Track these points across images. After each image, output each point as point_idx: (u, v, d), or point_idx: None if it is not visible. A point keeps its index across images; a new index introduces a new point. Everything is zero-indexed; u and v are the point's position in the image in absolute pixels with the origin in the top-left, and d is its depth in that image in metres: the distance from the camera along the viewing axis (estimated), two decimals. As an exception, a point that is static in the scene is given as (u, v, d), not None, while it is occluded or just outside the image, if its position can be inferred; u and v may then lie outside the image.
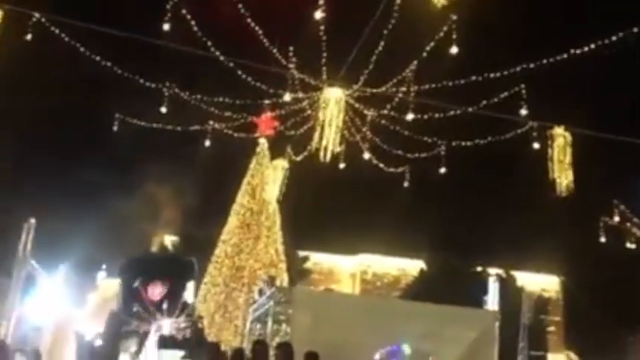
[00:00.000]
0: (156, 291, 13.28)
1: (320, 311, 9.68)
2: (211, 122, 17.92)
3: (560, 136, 14.95)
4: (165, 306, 12.88)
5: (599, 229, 18.76)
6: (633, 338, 27.68)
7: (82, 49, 13.55)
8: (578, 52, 12.64)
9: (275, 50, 14.05)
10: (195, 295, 15.91)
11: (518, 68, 13.54)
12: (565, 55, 12.84)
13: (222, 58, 13.89)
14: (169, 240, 30.25)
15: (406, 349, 8.48)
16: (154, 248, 29.66)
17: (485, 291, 15.99)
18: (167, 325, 12.62)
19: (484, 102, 14.85)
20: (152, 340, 12.20)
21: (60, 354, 20.09)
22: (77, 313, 26.92)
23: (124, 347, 12.41)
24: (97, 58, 13.99)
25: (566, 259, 31.06)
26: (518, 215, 32.41)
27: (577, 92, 25.72)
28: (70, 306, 23.39)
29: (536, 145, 15.01)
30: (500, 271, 25.90)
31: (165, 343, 11.73)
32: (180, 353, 9.84)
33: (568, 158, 15.10)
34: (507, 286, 21.68)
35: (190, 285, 14.26)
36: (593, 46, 12.47)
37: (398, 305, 14.21)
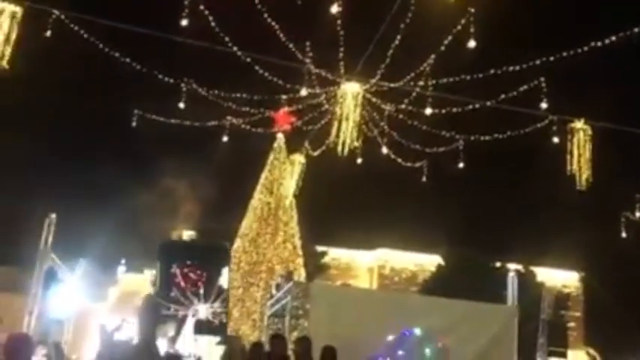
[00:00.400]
0: (192, 276, 13.44)
1: (337, 306, 9.68)
2: (229, 118, 17.96)
3: (580, 130, 14.76)
4: (201, 291, 13.04)
5: (620, 224, 18.51)
6: (655, 334, 27.30)
7: (100, 46, 13.65)
8: (599, 44, 12.45)
9: (292, 45, 14.04)
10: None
11: (537, 61, 13.38)
12: (586, 48, 12.66)
13: (239, 53, 13.91)
14: (187, 235, 30.45)
15: (417, 331, 8.46)
16: (173, 243, 29.86)
17: (504, 287, 15.91)
18: (203, 310, 12.76)
19: (503, 96, 14.71)
20: (189, 325, 12.31)
21: (81, 346, 20.38)
22: (98, 306, 27.27)
23: (161, 332, 12.52)
24: (116, 55, 14.09)
25: (586, 255, 30.76)
26: (538, 210, 32.18)
27: (598, 85, 25.41)
28: (91, 300, 23.71)
29: (555, 139, 14.83)
30: (519, 267, 25.68)
31: (202, 328, 11.82)
32: (216, 339, 9.90)
33: (588, 152, 14.90)
34: (527, 282, 21.50)
35: (225, 271, 14.42)
36: (614, 38, 12.28)
37: (416, 300, 14.16)
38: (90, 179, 29.36)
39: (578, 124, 14.83)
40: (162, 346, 11.57)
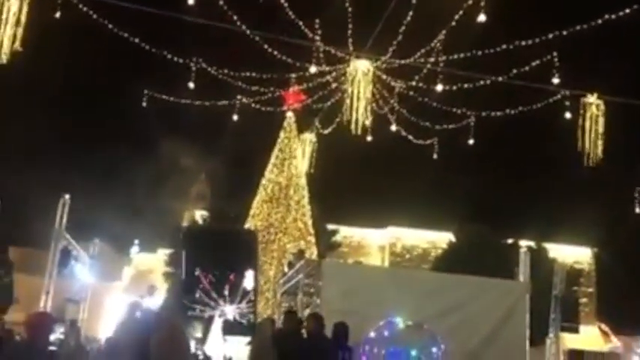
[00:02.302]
0: (216, 281, 13.46)
1: (349, 283, 9.71)
2: (239, 97, 17.95)
3: (593, 104, 14.62)
4: (226, 292, 13.05)
5: (633, 199, 18.42)
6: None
7: (110, 26, 13.64)
8: (613, 17, 12.26)
9: (301, 23, 13.95)
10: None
11: (550, 35, 13.21)
12: (599, 21, 12.48)
13: (248, 32, 13.85)
14: (200, 215, 30.65)
15: (399, 322, 8.44)
16: (185, 223, 30.10)
17: (516, 263, 15.90)
18: (231, 311, 12.78)
19: (514, 71, 14.56)
20: (216, 325, 12.30)
21: (97, 325, 20.71)
22: (113, 286, 27.63)
23: (189, 333, 12.52)
24: (125, 35, 14.08)
25: (599, 231, 30.60)
26: (550, 186, 31.99)
27: (610, 60, 25.05)
28: (105, 280, 24.00)
29: (567, 115, 14.71)
30: (531, 244, 25.64)
31: (231, 329, 11.79)
32: (246, 339, 9.88)
33: (600, 127, 14.78)
34: (539, 258, 21.48)
35: (249, 274, 14.34)
36: (628, 10, 12.08)
37: (428, 277, 14.18)
38: (102, 160, 29.56)
39: (591, 98, 14.69)
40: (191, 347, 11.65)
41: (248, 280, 14.22)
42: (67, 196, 15.75)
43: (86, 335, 15.76)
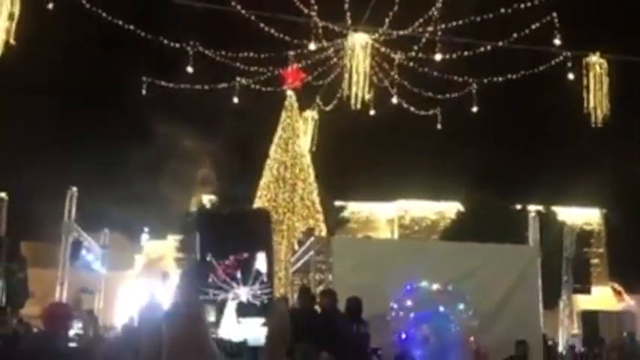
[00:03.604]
0: (229, 266, 13.48)
1: (360, 257, 9.73)
2: (238, 78, 17.84)
3: (596, 64, 14.45)
4: (238, 275, 13.07)
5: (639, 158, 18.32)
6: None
7: (104, 15, 13.54)
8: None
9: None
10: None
11: (548, -4, 13.03)
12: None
13: (243, 11, 13.72)
14: (207, 199, 30.71)
15: (425, 284, 8.52)
16: (193, 208, 30.16)
17: (526, 228, 15.89)
18: (244, 293, 12.82)
19: (515, 35, 14.39)
20: (230, 308, 12.34)
21: (113, 313, 20.91)
22: (125, 274, 27.83)
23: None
24: (120, 23, 13.98)
25: (607, 191, 30.49)
26: (557, 149, 31.80)
27: (611, 17, 24.69)
28: (118, 268, 24.17)
29: (571, 76, 14.56)
30: (540, 208, 25.60)
31: (246, 311, 11.82)
32: (261, 320, 9.90)
33: (605, 87, 14.64)
34: (548, 222, 21.45)
35: (261, 255, 14.35)
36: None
37: (438, 246, 14.19)
38: (104, 150, 29.50)
39: (594, 57, 14.53)
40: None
41: (261, 262, 14.23)
42: (75, 189, 15.82)
43: (103, 324, 15.91)
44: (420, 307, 8.36)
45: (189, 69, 15.42)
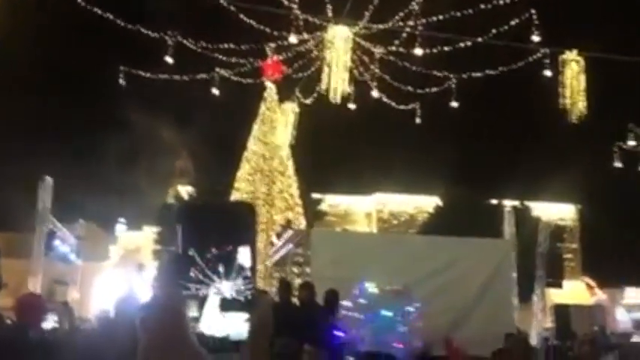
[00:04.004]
0: (209, 256, 13.34)
1: (338, 250, 9.77)
2: (217, 69, 17.69)
3: (573, 61, 14.64)
4: (221, 269, 12.90)
5: (613, 154, 18.61)
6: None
7: (82, 4, 13.33)
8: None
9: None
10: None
11: (527, -7, 13.15)
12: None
13: (223, 1, 13.60)
14: (185, 190, 30.49)
15: (370, 286, 8.43)
16: (171, 200, 29.96)
17: (501, 223, 16.05)
18: (227, 288, 12.68)
19: (494, 31, 14.50)
20: (211, 303, 12.17)
21: (89, 304, 20.71)
22: (101, 265, 27.57)
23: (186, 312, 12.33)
24: (98, 12, 13.77)
25: (582, 187, 30.97)
26: (533, 145, 32.20)
27: (590, 15, 25.00)
28: (93, 259, 23.94)
29: (548, 73, 14.72)
30: (515, 203, 25.91)
31: (229, 305, 11.66)
32: (245, 316, 9.80)
33: (582, 84, 14.83)
34: (523, 217, 21.72)
35: (244, 250, 14.16)
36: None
37: (416, 240, 14.31)
38: (80, 140, 29.15)
39: (570, 55, 14.70)
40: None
41: (244, 256, 14.05)
42: (49, 179, 15.59)
43: (79, 315, 15.74)
44: (369, 308, 8.26)
45: (169, 59, 15.25)
